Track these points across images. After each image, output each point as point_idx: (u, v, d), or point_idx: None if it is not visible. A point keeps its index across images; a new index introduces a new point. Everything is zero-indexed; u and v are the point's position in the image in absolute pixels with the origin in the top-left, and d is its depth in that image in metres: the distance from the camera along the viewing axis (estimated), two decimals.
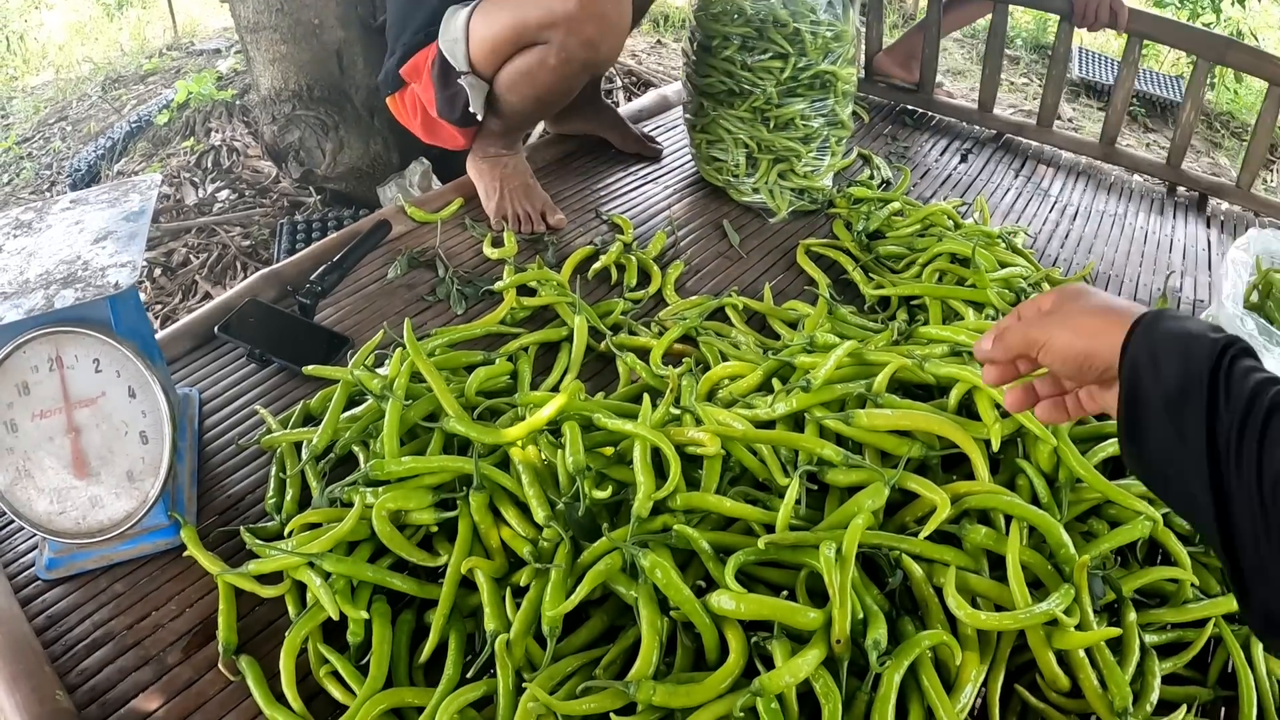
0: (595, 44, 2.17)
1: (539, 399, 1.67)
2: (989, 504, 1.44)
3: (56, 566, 1.55)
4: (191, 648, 1.43)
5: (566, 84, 2.28)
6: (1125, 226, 2.93)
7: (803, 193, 2.65)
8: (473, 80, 2.30)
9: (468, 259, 2.37)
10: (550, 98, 2.31)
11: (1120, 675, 1.31)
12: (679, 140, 3.06)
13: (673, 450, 1.46)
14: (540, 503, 1.46)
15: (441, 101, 2.40)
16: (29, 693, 1.32)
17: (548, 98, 2.30)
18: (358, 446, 1.66)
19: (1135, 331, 0.96)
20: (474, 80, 2.30)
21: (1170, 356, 0.91)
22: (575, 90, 2.36)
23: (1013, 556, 1.34)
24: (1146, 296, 2.55)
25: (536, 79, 2.25)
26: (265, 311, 2.08)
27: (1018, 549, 1.35)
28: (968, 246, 2.19)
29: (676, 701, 1.22)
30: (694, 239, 2.54)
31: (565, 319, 2.06)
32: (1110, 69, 6.10)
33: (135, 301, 1.59)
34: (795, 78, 2.50)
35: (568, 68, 2.21)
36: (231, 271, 3.37)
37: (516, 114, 2.37)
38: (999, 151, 3.33)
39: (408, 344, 1.68)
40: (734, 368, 1.79)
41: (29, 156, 4.59)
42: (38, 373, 1.45)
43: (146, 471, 1.51)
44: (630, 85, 4.85)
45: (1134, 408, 0.94)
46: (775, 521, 1.43)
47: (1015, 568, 1.33)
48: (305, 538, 1.46)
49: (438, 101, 2.41)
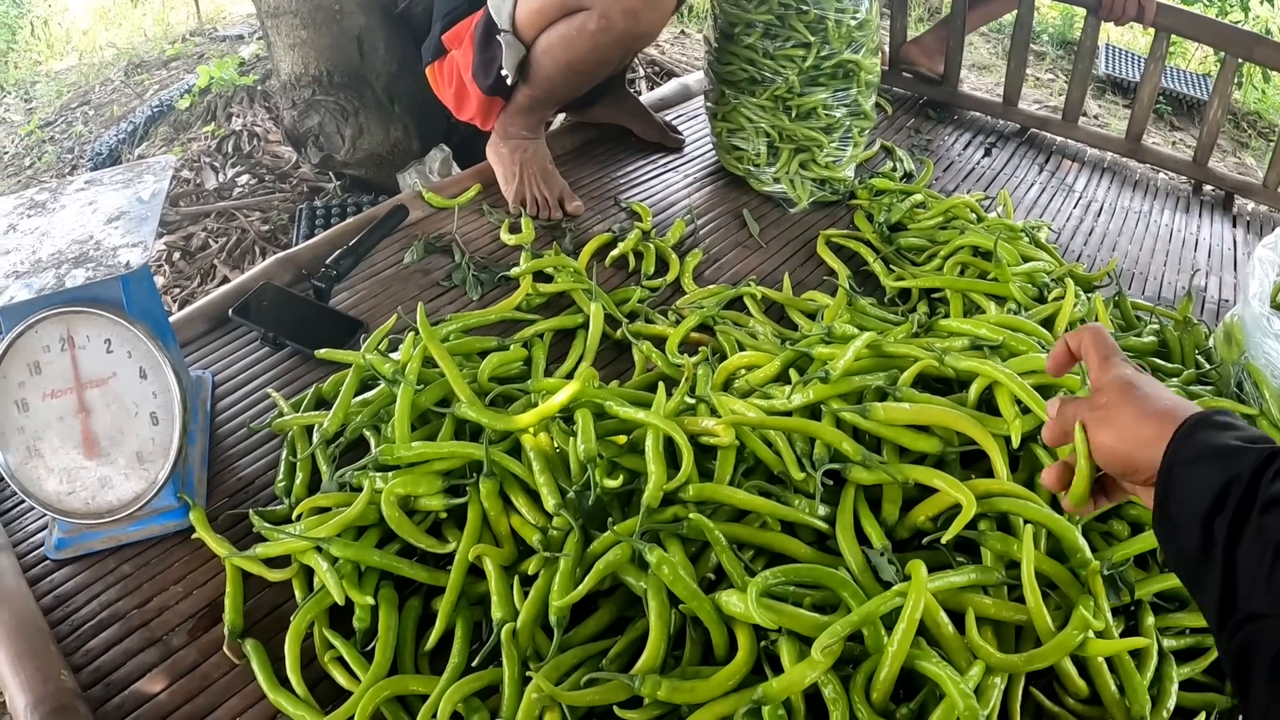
0: (636, 14, 2.15)
1: (552, 385, 1.65)
2: (1005, 508, 1.42)
3: (65, 546, 1.54)
4: (197, 630, 1.42)
5: (601, 54, 2.25)
6: (1150, 224, 2.90)
7: (824, 183, 2.62)
8: (511, 39, 2.29)
9: (485, 245, 2.36)
10: (582, 66, 2.29)
11: (1139, 681, 1.28)
12: (700, 129, 3.03)
13: (685, 440, 1.44)
14: (550, 490, 1.44)
15: (478, 64, 2.39)
16: (33, 671, 1.32)
17: (580, 66, 2.28)
18: (369, 431, 1.64)
19: (1175, 438, 0.94)
20: (512, 39, 2.29)
21: (1208, 466, 0.90)
22: (608, 65, 2.34)
23: (1028, 571, 1.31)
24: (1171, 295, 2.51)
25: (573, 44, 2.23)
26: (280, 295, 2.07)
27: (1032, 562, 1.32)
28: (990, 239, 2.16)
29: (681, 698, 1.21)
30: (713, 228, 2.52)
31: (581, 306, 2.04)
32: (1136, 65, 6.04)
33: (148, 282, 1.59)
34: (818, 66, 2.48)
35: (606, 35, 2.19)
36: (250, 256, 3.37)
37: (546, 81, 2.34)
38: (1023, 146, 3.30)
39: (421, 329, 1.67)
40: (751, 357, 1.77)
41: (51, 140, 4.60)
42: (49, 352, 1.44)
43: (156, 453, 1.50)
44: (653, 75, 4.83)
45: (1164, 514, 0.95)
46: (789, 516, 1.42)
47: (1030, 580, 1.31)
48: (313, 522, 1.45)
49: (474, 65, 2.40)
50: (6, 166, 4.47)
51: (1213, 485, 0.88)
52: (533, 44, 2.30)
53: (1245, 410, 1.66)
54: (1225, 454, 0.90)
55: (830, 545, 1.44)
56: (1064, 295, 2.00)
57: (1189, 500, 0.90)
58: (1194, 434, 0.93)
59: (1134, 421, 0.99)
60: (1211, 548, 0.88)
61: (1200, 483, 0.90)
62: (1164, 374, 1.88)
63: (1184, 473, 0.92)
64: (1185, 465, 0.92)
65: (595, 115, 2.95)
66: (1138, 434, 0.98)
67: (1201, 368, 1.88)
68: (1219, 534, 0.87)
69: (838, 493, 1.49)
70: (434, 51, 2.55)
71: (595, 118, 2.96)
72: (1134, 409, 1.00)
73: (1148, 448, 0.96)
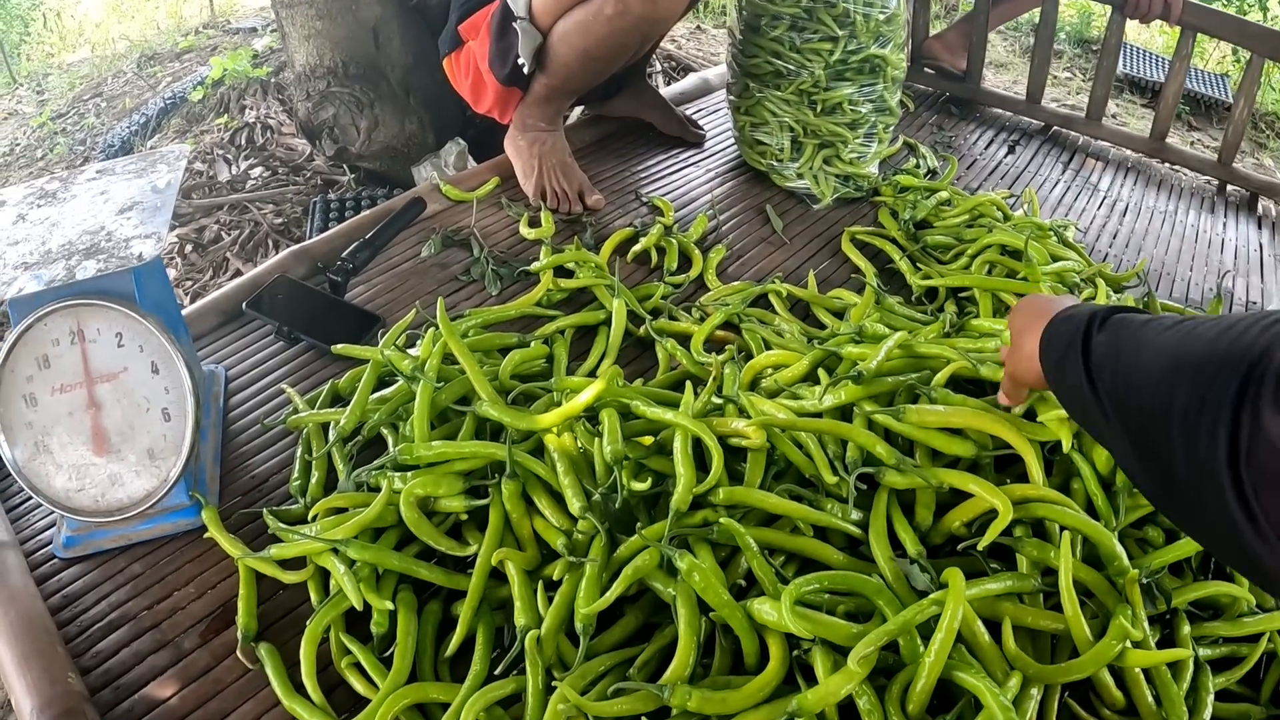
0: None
1: (576, 384, 1.61)
2: (1042, 514, 1.39)
3: (74, 545, 1.50)
4: (209, 633, 1.39)
5: (619, 39, 2.22)
6: (1175, 224, 2.85)
7: (848, 179, 2.58)
8: (527, 26, 2.26)
9: (503, 239, 2.32)
10: (600, 52, 2.24)
11: (1176, 692, 1.26)
12: (720, 124, 2.99)
13: (715, 442, 1.40)
14: (576, 493, 1.40)
15: (494, 54, 2.36)
16: (40, 673, 1.28)
17: (597, 52, 2.24)
18: (386, 429, 1.61)
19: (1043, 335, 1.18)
20: (529, 26, 2.26)
21: (1059, 337, 1.13)
22: (626, 52, 2.30)
23: (1066, 580, 1.28)
24: (1198, 296, 2.47)
25: (590, 30, 2.19)
26: (295, 288, 2.03)
27: (1071, 570, 1.29)
28: (1019, 238, 2.12)
29: (711, 708, 1.17)
30: (736, 224, 2.47)
31: (603, 302, 2.00)
32: (1154, 65, 6.00)
33: (161, 274, 1.55)
34: (844, 61, 2.43)
35: (623, 20, 2.15)
36: (263, 249, 3.34)
37: (564, 69, 2.30)
38: (1046, 144, 3.25)
39: (441, 324, 1.62)
40: (778, 356, 1.73)
41: (63, 132, 4.58)
42: (58, 346, 1.41)
43: (168, 450, 1.47)
44: (670, 70, 4.80)
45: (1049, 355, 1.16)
46: (822, 521, 1.39)
47: (1069, 589, 1.28)
48: (330, 522, 1.41)
49: (490, 54, 2.37)
50: (19, 158, 4.45)
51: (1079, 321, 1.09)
52: (549, 31, 2.27)
53: None
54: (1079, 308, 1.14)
55: (862, 551, 1.41)
56: (1094, 295, 1.97)
57: (1060, 338, 1.12)
58: (1053, 324, 1.16)
59: (1022, 339, 1.24)
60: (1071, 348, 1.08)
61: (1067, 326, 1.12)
62: None
63: (1055, 324, 1.15)
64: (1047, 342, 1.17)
65: (615, 108, 2.91)
66: (1026, 348, 1.22)
67: None
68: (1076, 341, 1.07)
69: (869, 497, 1.45)
70: (451, 43, 2.51)
71: (615, 111, 2.92)
72: (1021, 325, 1.26)
73: (1033, 360, 1.20)
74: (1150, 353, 0.94)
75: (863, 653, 1.15)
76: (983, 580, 1.32)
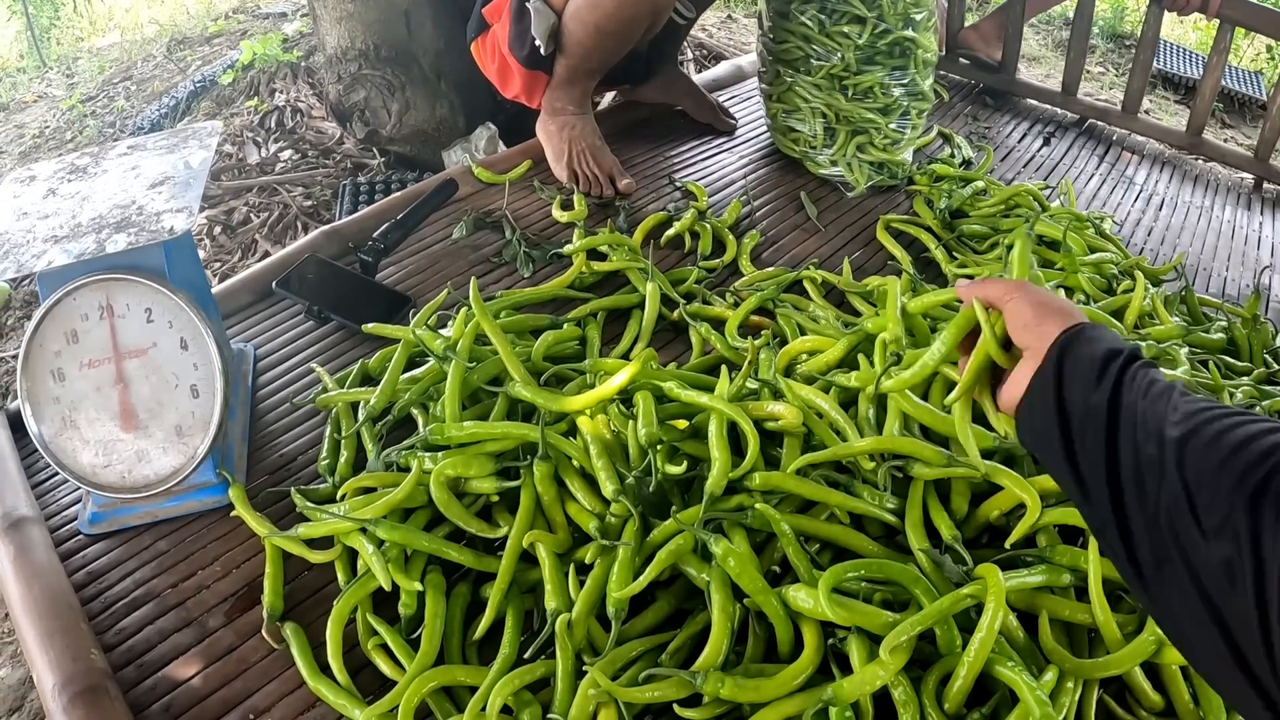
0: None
1: (610, 366, 1.59)
2: (1068, 520, 1.36)
3: (99, 521, 1.49)
4: (234, 612, 1.37)
5: (628, 11, 2.20)
6: (1212, 220, 2.82)
7: (882, 167, 2.55)
8: (540, 5, 2.25)
9: (536, 222, 2.30)
10: (611, 26, 2.23)
11: None
12: (752, 111, 2.96)
13: (751, 426, 1.38)
14: (609, 475, 1.38)
15: (513, 36, 2.35)
16: (63, 649, 1.27)
17: (608, 25, 2.23)
18: (417, 409, 1.59)
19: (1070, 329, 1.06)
20: (541, 5, 2.26)
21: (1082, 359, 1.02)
22: (637, 24, 2.28)
23: (1095, 585, 1.26)
24: (1235, 292, 2.44)
25: (599, 4, 2.19)
26: (325, 268, 2.02)
27: (1100, 575, 1.26)
28: (1057, 229, 2.09)
29: (745, 696, 1.15)
30: (769, 210, 2.45)
31: (636, 285, 1.97)
32: (1188, 61, 5.95)
33: (191, 250, 1.54)
34: (873, 44, 2.40)
35: None
36: (292, 231, 3.33)
37: (579, 48, 2.30)
38: (1081, 137, 3.21)
39: (473, 304, 1.60)
40: (813, 342, 1.70)
41: (93, 115, 4.58)
42: (87, 321, 1.40)
43: (196, 427, 1.45)
44: (702, 58, 4.77)
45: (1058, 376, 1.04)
46: (859, 508, 1.37)
47: (1098, 594, 1.26)
48: (358, 502, 1.39)
49: (510, 36, 2.36)
50: (48, 140, 4.45)
51: (1099, 353, 1.00)
52: (563, 11, 2.27)
53: None
54: (1109, 339, 1.04)
55: (898, 541, 1.39)
56: (1133, 288, 1.95)
57: (1084, 360, 1.01)
58: (1084, 330, 1.06)
59: (1042, 306, 1.10)
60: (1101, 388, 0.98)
61: (1091, 350, 1.02)
62: (1234, 372, 1.84)
63: (1077, 345, 1.04)
64: (1081, 342, 1.04)
65: (647, 94, 2.89)
66: (1047, 311, 1.09)
67: (1270, 367, 1.84)
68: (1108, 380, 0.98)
69: (905, 485, 1.43)
70: (477, 27, 2.51)
71: (647, 96, 2.90)
72: (1044, 298, 1.12)
73: (1051, 320, 1.07)
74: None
75: (895, 641, 1.13)
76: (1019, 573, 1.30)
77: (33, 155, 4.31)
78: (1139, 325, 1.91)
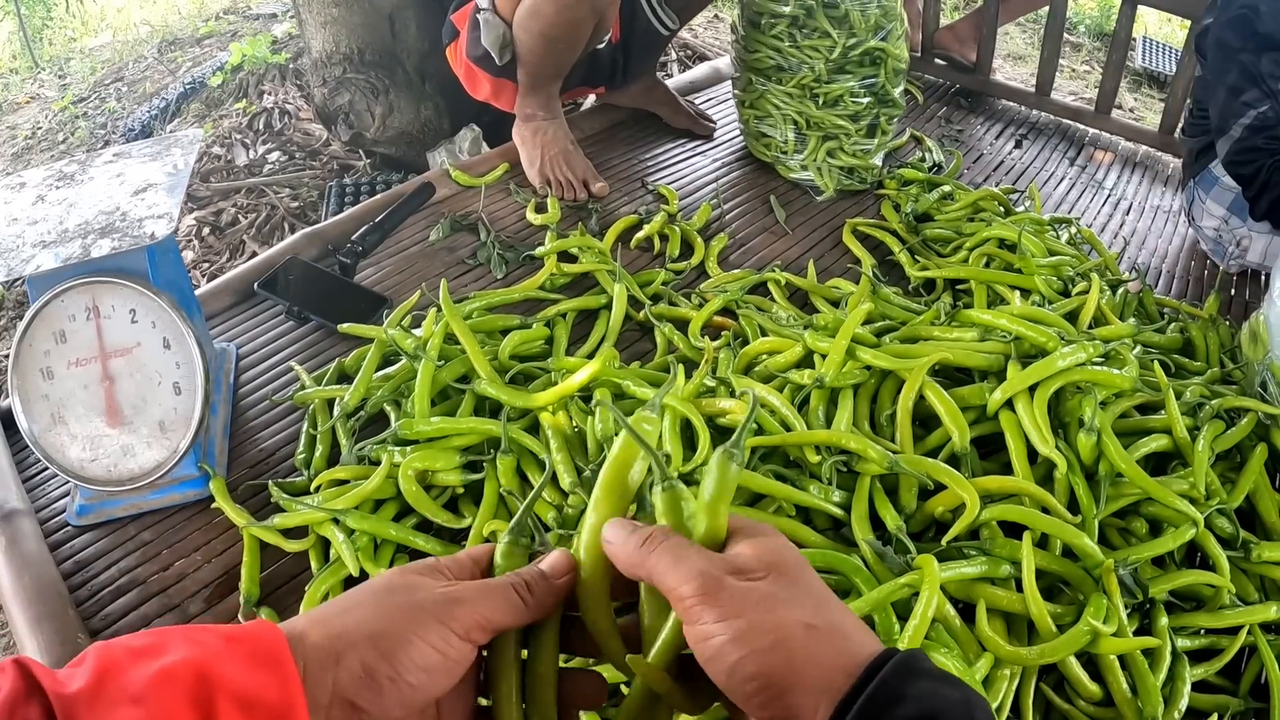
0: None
1: (572, 364, 1.66)
2: (1012, 518, 1.40)
3: (87, 513, 1.56)
4: (214, 598, 1.44)
5: (568, 15, 2.26)
6: (1180, 223, 2.86)
7: (851, 171, 2.61)
8: (489, 16, 2.33)
9: (511, 224, 2.36)
10: (555, 31, 2.29)
11: (1152, 681, 1.27)
12: (729, 113, 3.01)
13: (702, 422, 1.45)
14: (567, 469, 1.45)
15: (470, 43, 2.44)
16: (52, 634, 1.34)
17: (553, 31, 2.29)
18: (389, 405, 1.65)
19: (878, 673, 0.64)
20: (490, 16, 2.34)
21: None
22: (582, 27, 2.33)
23: (1029, 578, 1.30)
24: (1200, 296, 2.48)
25: (540, 11, 2.25)
26: (305, 269, 2.08)
27: (1033, 571, 1.30)
28: (1015, 231, 2.15)
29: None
30: (740, 213, 2.51)
31: (605, 286, 2.04)
32: (1173, 59, 5.99)
33: (173, 253, 1.60)
34: (844, 56, 2.46)
35: None
36: (279, 232, 3.39)
37: (531, 55, 2.36)
38: (1055, 139, 3.26)
39: (443, 305, 1.67)
40: (773, 343, 1.76)
41: (84, 116, 4.62)
42: (74, 321, 1.46)
43: (178, 422, 1.52)
44: (685, 59, 4.82)
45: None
46: (805, 501, 1.42)
47: (1031, 590, 1.29)
48: (332, 494, 1.47)
49: (468, 42, 2.45)
50: (40, 141, 4.50)
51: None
52: (513, 20, 2.34)
53: (1270, 410, 1.65)
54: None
55: (845, 534, 1.44)
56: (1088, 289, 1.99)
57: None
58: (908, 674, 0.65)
59: (808, 621, 0.68)
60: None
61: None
62: (1188, 372, 1.86)
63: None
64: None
65: (624, 99, 2.95)
66: (782, 654, 0.66)
67: (1226, 367, 1.87)
68: None
69: (854, 479, 1.48)
70: (450, 33, 2.58)
71: (624, 101, 2.95)
72: (812, 607, 0.70)
73: (802, 688, 0.65)
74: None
75: None
76: (958, 563, 1.34)
77: (25, 157, 4.36)
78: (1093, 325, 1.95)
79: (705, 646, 0.67)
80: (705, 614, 0.67)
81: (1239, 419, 1.63)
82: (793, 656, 0.65)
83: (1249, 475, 1.54)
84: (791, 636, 0.66)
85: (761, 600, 0.68)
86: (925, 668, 0.66)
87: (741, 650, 0.66)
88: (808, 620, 0.67)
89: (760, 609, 0.67)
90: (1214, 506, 1.46)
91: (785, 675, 0.65)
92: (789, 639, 0.66)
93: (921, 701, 0.63)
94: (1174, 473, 1.53)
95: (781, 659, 0.65)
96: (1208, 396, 1.69)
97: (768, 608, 0.67)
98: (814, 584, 0.72)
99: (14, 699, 0.59)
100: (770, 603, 0.68)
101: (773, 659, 0.65)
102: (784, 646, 0.66)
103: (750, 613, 0.67)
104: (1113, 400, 1.61)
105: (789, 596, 0.69)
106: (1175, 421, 1.55)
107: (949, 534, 1.37)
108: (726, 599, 0.68)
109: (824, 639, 0.67)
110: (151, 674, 0.61)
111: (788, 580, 0.70)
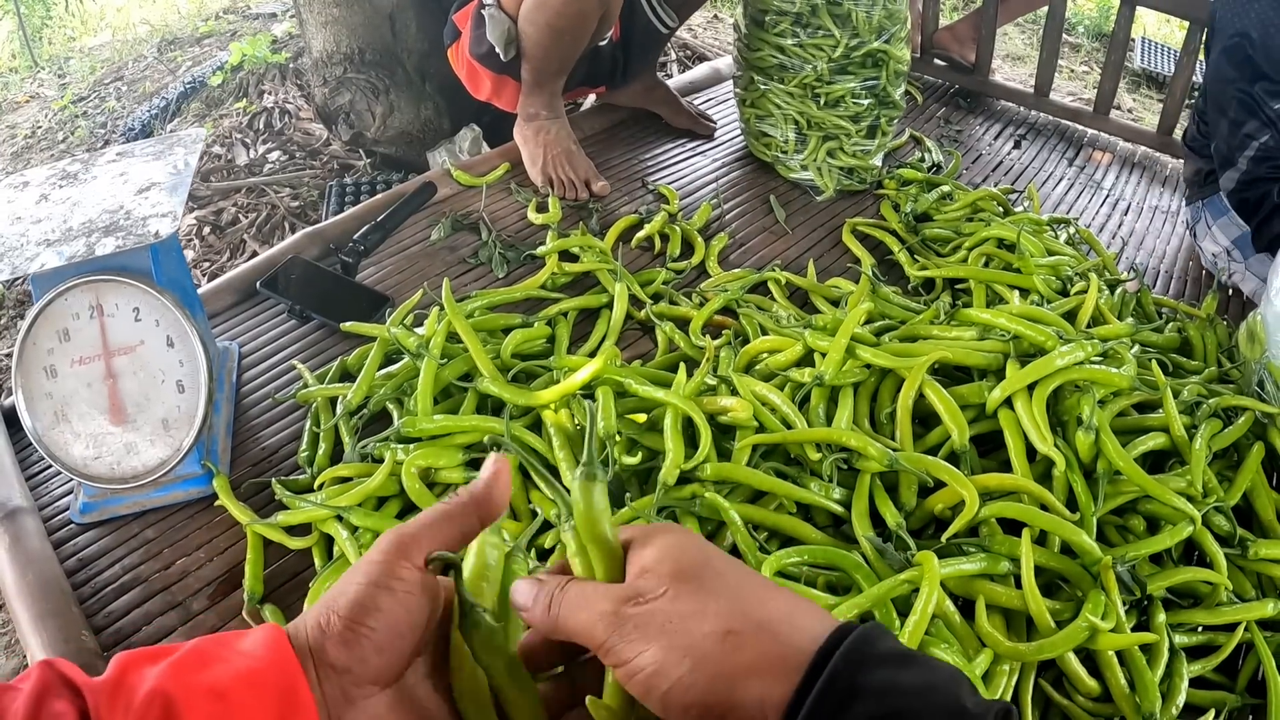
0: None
1: (574, 363, 1.66)
2: (1011, 515, 1.41)
3: (90, 511, 1.56)
4: (217, 595, 1.45)
5: (576, 6, 2.26)
6: (1178, 224, 2.87)
7: (851, 172, 2.62)
8: (494, 11, 2.33)
9: (512, 223, 2.37)
10: (562, 23, 2.29)
11: (1150, 677, 1.27)
12: (729, 113, 3.03)
13: (704, 419, 1.45)
14: (570, 466, 1.45)
15: (473, 41, 2.43)
16: (55, 631, 1.34)
17: (560, 23, 2.28)
18: (392, 404, 1.66)
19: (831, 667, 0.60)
20: (495, 11, 2.34)
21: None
22: (588, 20, 2.33)
23: (1028, 574, 1.31)
24: (1197, 296, 2.48)
25: (547, 3, 2.25)
26: (307, 268, 2.09)
27: (1032, 567, 1.31)
28: (1014, 231, 2.16)
29: None
30: (740, 213, 2.52)
31: (606, 286, 2.04)
32: (1172, 60, 5.99)
33: (176, 252, 1.60)
34: (847, 55, 2.47)
35: None
36: (280, 231, 3.40)
37: (537, 49, 2.36)
38: (1053, 139, 3.27)
39: (445, 303, 1.68)
40: (774, 342, 1.77)
41: (84, 115, 4.63)
42: (78, 320, 1.47)
43: (182, 420, 1.52)
44: (685, 59, 4.83)
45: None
46: (805, 498, 1.43)
47: (1030, 585, 1.30)
48: (335, 491, 1.47)
49: (471, 39, 2.44)
50: (40, 140, 4.50)
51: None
52: (518, 15, 2.34)
53: (1267, 409, 1.66)
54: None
55: (845, 531, 1.45)
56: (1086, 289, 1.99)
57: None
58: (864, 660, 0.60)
59: (726, 629, 0.63)
60: None
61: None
62: (1186, 371, 1.87)
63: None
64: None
65: (625, 98, 2.95)
66: (734, 649, 0.62)
67: (1223, 366, 1.88)
68: None
69: (854, 476, 1.49)
70: (451, 33, 2.58)
71: (625, 100, 2.96)
72: (726, 610, 0.64)
73: (754, 675, 0.61)
74: None
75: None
76: (957, 559, 1.35)
77: (25, 156, 4.36)
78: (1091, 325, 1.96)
79: (633, 685, 0.63)
80: (620, 653, 0.63)
81: (1236, 418, 1.64)
82: (719, 673, 0.61)
83: (1246, 473, 1.56)
84: (708, 653, 0.62)
85: (666, 622, 0.63)
86: (878, 651, 0.61)
87: (665, 681, 0.62)
88: (725, 628, 0.63)
89: (667, 632, 0.63)
90: (1211, 504, 1.47)
91: (720, 695, 0.61)
92: (707, 656, 0.62)
93: (881, 699, 0.59)
94: (1172, 471, 1.54)
95: (706, 679, 0.61)
96: (1205, 395, 1.69)
97: (675, 628, 0.63)
98: (724, 580, 0.67)
99: (43, 690, 0.61)
100: (677, 621, 0.63)
101: (698, 681, 0.61)
102: (705, 665, 0.61)
103: (658, 639, 0.63)
104: (1111, 399, 1.61)
105: (694, 608, 0.64)
106: (1173, 420, 1.55)
107: (949, 531, 1.38)
108: (632, 632, 0.63)
109: (749, 643, 0.62)
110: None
111: (690, 589, 0.65)
